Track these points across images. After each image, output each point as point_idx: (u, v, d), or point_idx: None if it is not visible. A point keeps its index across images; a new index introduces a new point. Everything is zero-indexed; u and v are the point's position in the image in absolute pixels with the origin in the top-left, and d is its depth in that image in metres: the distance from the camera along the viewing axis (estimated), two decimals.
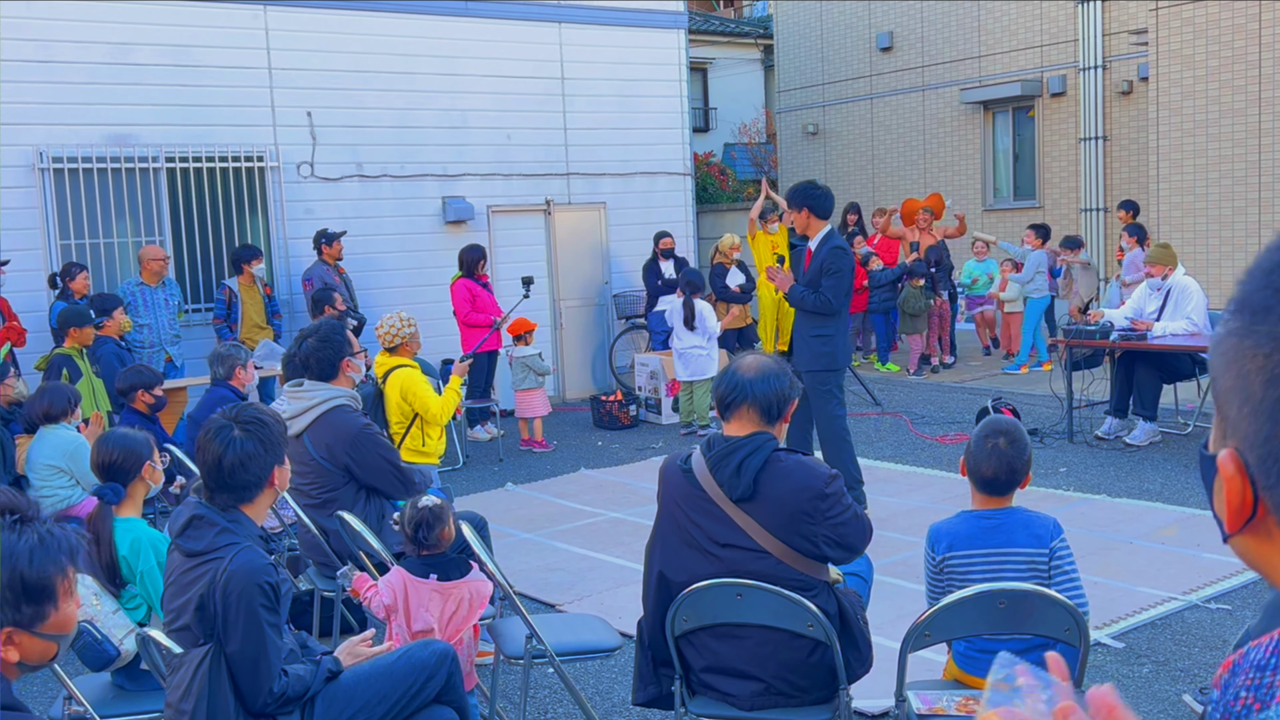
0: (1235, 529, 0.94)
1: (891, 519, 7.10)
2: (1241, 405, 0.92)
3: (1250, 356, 0.91)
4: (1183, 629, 5.15)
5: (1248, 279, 0.95)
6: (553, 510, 7.85)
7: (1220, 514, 0.96)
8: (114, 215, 10.04)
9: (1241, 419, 0.92)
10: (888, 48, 18.07)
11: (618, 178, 12.85)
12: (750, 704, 3.33)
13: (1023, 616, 3.14)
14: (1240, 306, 0.94)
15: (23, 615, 2.08)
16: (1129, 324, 8.60)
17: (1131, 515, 6.93)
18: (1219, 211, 12.61)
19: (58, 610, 2.14)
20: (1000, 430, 3.44)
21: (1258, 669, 0.94)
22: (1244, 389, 0.92)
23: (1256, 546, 0.95)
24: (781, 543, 3.21)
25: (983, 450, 3.40)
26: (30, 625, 2.10)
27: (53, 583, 2.12)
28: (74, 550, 2.18)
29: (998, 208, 16.89)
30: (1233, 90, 12.32)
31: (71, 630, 2.21)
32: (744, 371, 3.32)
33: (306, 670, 3.24)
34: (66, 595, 2.16)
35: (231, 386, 6.67)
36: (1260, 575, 0.99)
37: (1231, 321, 0.95)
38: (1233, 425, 0.94)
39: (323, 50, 10.90)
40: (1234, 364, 0.93)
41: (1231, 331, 0.94)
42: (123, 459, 4.08)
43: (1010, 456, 3.39)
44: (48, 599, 2.12)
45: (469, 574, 4.05)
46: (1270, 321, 0.90)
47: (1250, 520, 0.93)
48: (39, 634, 2.12)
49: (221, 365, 6.72)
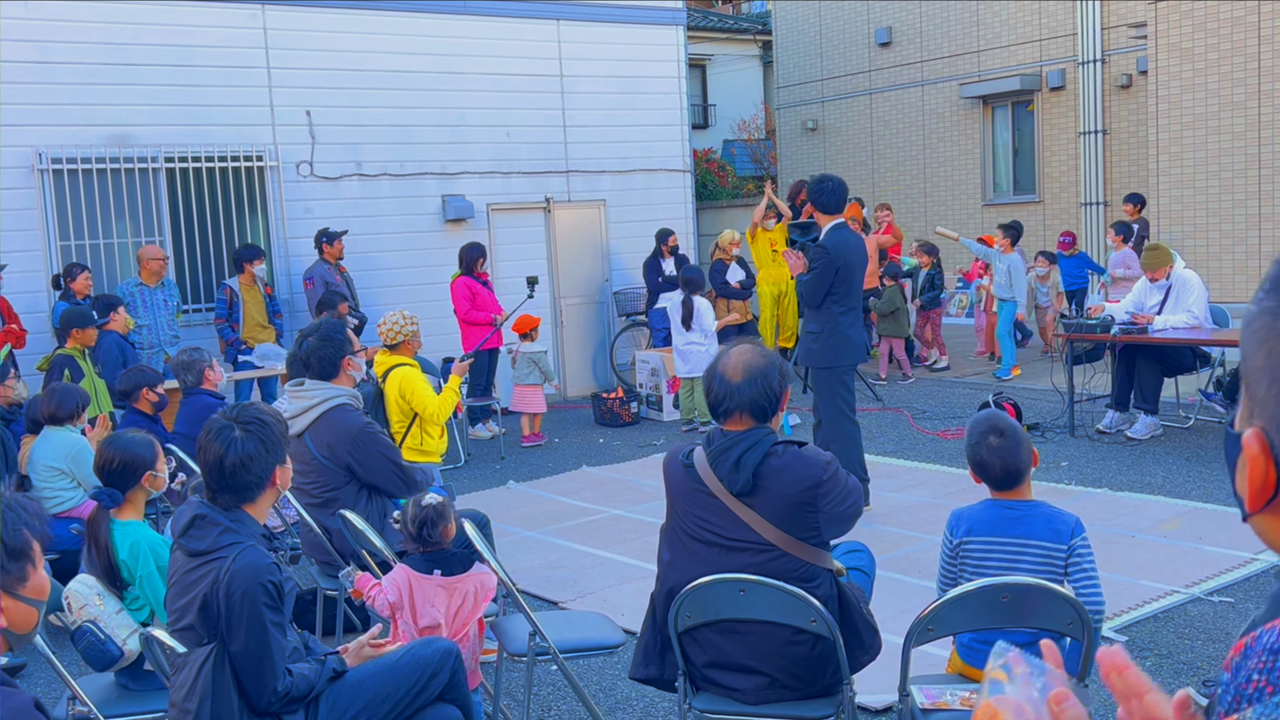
0: (1257, 508, 0.93)
1: (893, 514, 7.10)
2: (1270, 385, 0.92)
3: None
4: (1185, 622, 5.15)
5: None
6: (554, 508, 7.85)
7: (1242, 493, 0.96)
8: (113, 216, 10.04)
9: (1270, 399, 0.92)
10: (886, 43, 18.06)
11: (617, 175, 12.85)
12: (754, 698, 3.33)
13: (1026, 611, 3.14)
14: (1275, 286, 0.94)
15: (9, 574, 2.16)
16: (1130, 318, 8.60)
17: (1133, 509, 6.93)
18: (1218, 204, 12.60)
19: (35, 571, 2.22)
20: (991, 428, 3.49)
21: (1271, 652, 0.93)
22: (1273, 368, 0.91)
23: (1276, 526, 0.95)
24: (784, 533, 3.22)
25: (980, 450, 3.46)
26: (14, 587, 2.17)
27: (28, 543, 2.20)
28: (39, 515, 2.26)
29: (998, 202, 16.89)
30: (1232, 83, 12.31)
31: (46, 597, 2.27)
32: (731, 376, 3.29)
33: (311, 669, 3.24)
34: (39, 559, 2.24)
35: (207, 391, 6.51)
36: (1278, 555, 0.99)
37: (1265, 300, 0.95)
38: (1260, 405, 0.93)
39: (321, 49, 10.89)
40: (1265, 343, 0.93)
41: (1265, 310, 0.94)
42: (122, 466, 4.05)
43: (1006, 451, 3.43)
44: (25, 558, 2.19)
45: (472, 568, 4.05)
46: None
47: (1272, 500, 0.93)
48: (21, 597, 2.19)
49: (189, 373, 6.49)
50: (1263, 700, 0.90)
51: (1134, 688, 1.05)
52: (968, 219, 16.74)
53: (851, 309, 6.92)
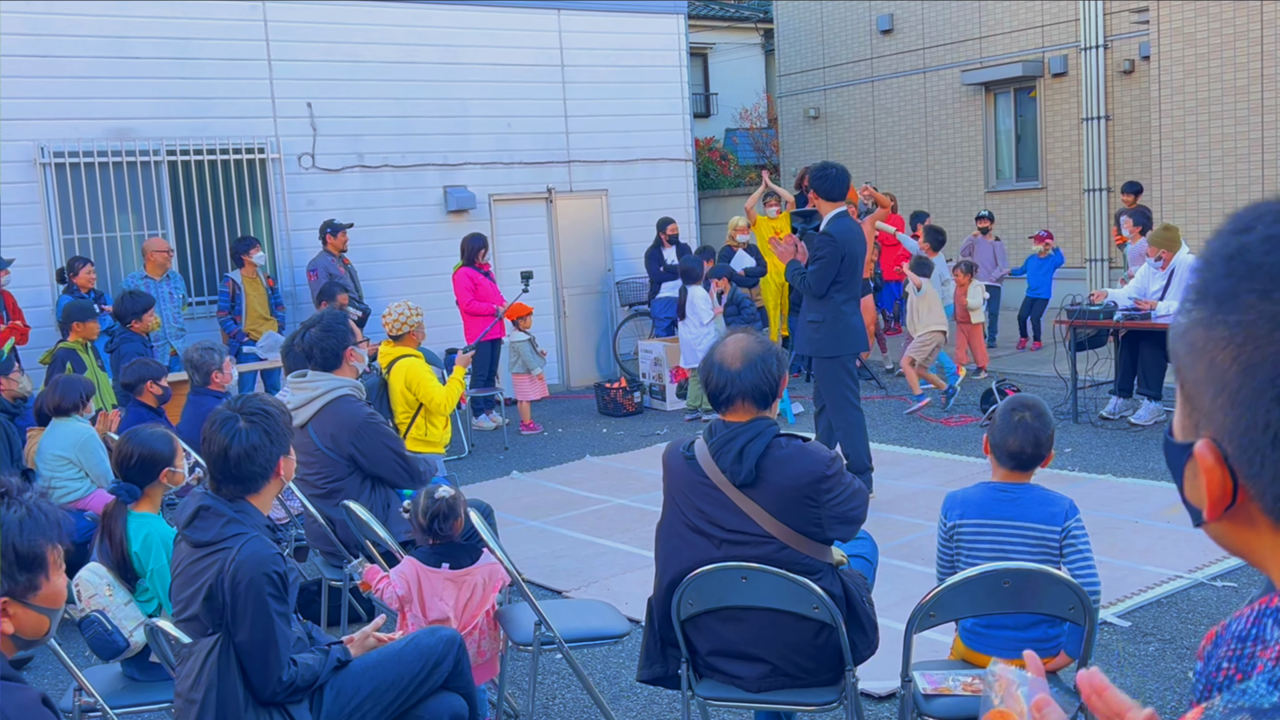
0: (1216, 516, 0.93)
1: (896, 501, 7.11)
2: (1215, 396, 0.91)
3: (1221, 347, 0.90)
4: (1189, 607, 5.16)
5: (1206, 267, 0.93)
6: (558, 498, 7.86)
7: (1196, 501, 0.96)
8: (116, 209, 10.05)
9: (1216, 409, 0.91)
10: (888, 30, 18.01)
11: (619, 164, 12.84)
12: (757, 686, 3.34)
13: (1028, 596, 3.15)
14: (1202, 296, 0.93)
15: (17, 585, 2.13)
16: (1133, 303, 8.59)
17: (1137, 494, 6.93)
18: (1222, 190, 12.57)
19: (49, 581, 2.19)
20: (1026, 405, 3.49)
21: (1239, 640, 0.94)
22: (1217, 380, 0.91)
23: (1236, 531, 0.95)
24: (786, 526, 3.22)
25: (1009, 424, 3.43)
26: (24, 595, 2.15)
27: (43, 552, 2.18)
28: (60, 524, 2.24)
29: (1001, 189, 16.86)
30: (1234, 67, 12.27)
31: (61, 605, 2.25)
32: (729, 363, 3.28)
33: (315, 659, 3.26)
34: (56, 567, 2.22)
35: (212, 392, 6.46)
36: (1239, 558, 0.99)
37: (1195, 311, 0.93)
38: (1206, 415, 0.93)
39: (322, 41, 10.89)
40: (1204, 355, 0.92)
41: (1197, 322, 0.93)
42: (141, 461, 4.04)
43: (1036, 429, 3.43)
44: (39, 568, 2.17)
45: (480, 559, 4.06)
46: (1239, 310, 0.89)
47: (1230, 508, 0.93)
48: (32, 605, 2.17)
49: (197, 373, 6.45)
50: (1231, 688, 0.90)
51: (1114, 708, 1.06)
52: (970, 206, 16.70)
53: (853, 297, 6.92)
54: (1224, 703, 0.88)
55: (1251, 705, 0.86)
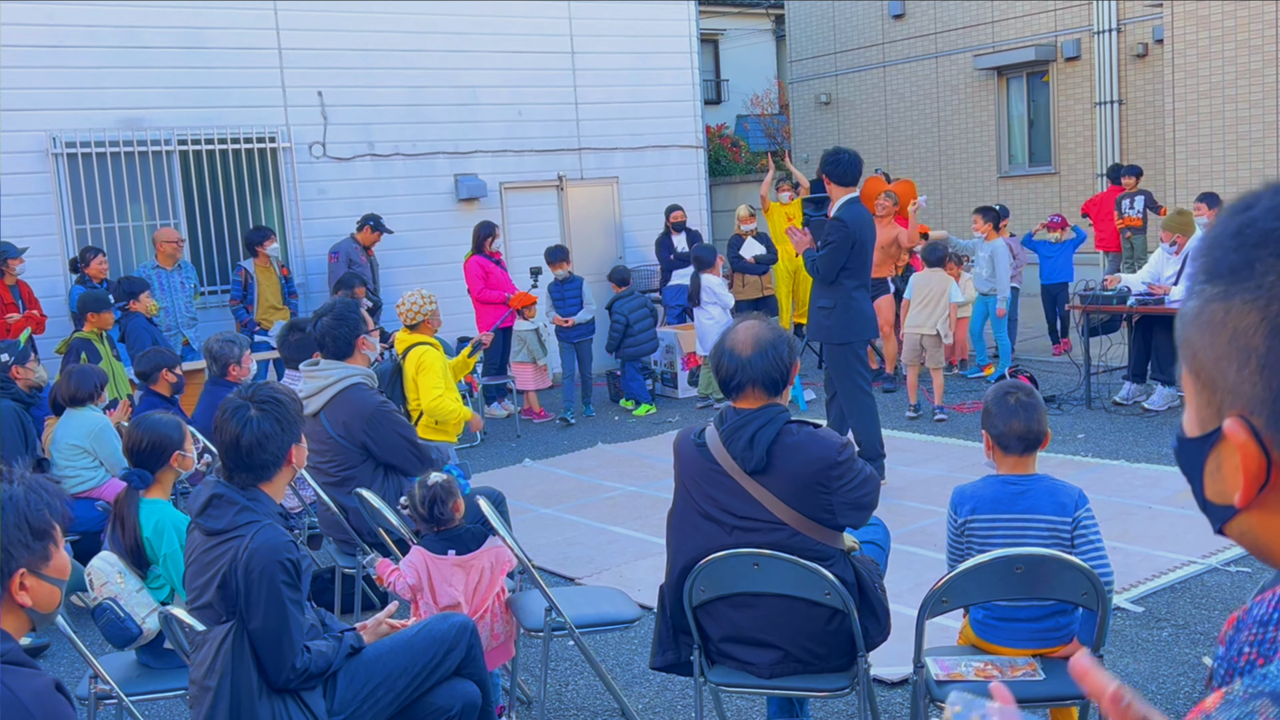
0: (1250, 499, 0.90)
1: (909, 488, 7.10)
2: (1241, 367, 0.89)
3: (1243, 314, 0.88)
4: (1202, 592, 5.14)
5: (1212, 248, 0.92)
6: (570, 485, 7.87)
7: (1222, 496, 0.93)
8: (128, 199, 10.08)
9: (1243, 381, 0.89)
10: (900, 15, 17.92)
11: (630, 152, 12.82)
12: (769, 672, 3.34)
13: (1040, 581, 3.14)
14: (1212, 274, 0.91)
15: (34, 554, 2.23)
16: (1146, 288, 8.56)
17: (1150, 480, 6.91)
18: (1236, 174, 12.49)
19: (57, 551, 2.29)
20: (1013, 388, 3.49)
21: (1260, 624, 0.93)
22: (1242, 349, 0.89)
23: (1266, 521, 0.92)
24: (797, 513, 3.22)
25: (1006, 408, 3.42)
26: (39, 566, 2.24)
27: (50, 523, 2.28)
28: (58, 495, 2.33)
29: (1014, 174, 16.78)
30: (1249, 50, 12.18)
31: (68, 575, 2.34)
32: (740, 350, 3.27)
33: (329, 646, 3.27)
34: (59, 539, 2.32)
35: (228, 383, 6.40)
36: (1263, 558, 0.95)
37: (1208, 289, 0.92)
38: (1232, 392, 0.90)
39: (332, 30, 10.88)
40: (1224, 328, 0.90)
41: (1212, 298, 0.91)
42: (151, 446, 4.09)
43: (1029, 407, 3.41)
44: (49, 538, 2.27)
45: (485, 543, 4.07)
46: (1258, 275, 0.88)
47: (1264, 488, 0.90)
48: (45, 576, 2.25)
49: (216, 363, 6.43)
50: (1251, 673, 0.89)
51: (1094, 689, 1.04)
52: (983, 192, 16.63)
53: (864, 284, 6.90)
54: (1244, 687, 0.87)
55: (1272, 690, 0.85)
